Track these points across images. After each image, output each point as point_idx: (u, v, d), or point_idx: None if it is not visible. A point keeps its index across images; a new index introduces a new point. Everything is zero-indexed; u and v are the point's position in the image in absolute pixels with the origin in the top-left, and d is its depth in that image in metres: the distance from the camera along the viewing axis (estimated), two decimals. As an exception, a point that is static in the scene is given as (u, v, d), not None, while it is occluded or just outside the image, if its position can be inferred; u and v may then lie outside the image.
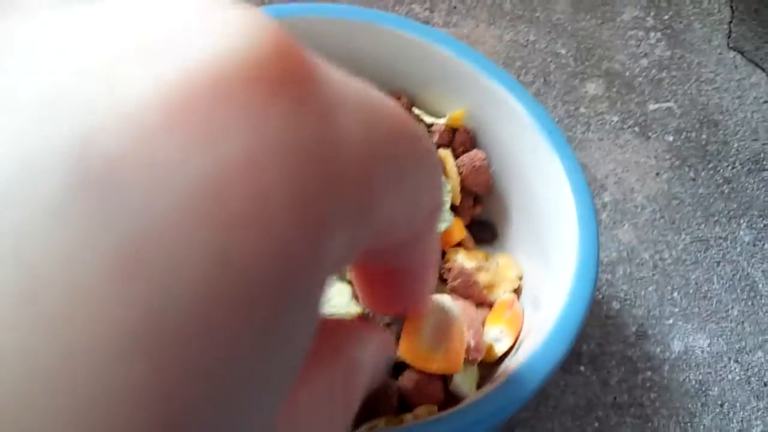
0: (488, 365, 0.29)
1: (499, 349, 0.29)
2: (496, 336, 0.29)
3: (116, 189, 0.08)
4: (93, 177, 0.08)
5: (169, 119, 0.08)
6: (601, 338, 0.37)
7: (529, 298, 0.31)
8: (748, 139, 0.46)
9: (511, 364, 0.28)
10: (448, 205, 0.32)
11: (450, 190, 0.32)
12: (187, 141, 0.08)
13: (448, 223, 0.31)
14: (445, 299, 0.28)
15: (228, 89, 0.09)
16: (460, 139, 0.34)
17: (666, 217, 0.42)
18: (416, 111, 0.35)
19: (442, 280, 0.31)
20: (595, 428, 0.34)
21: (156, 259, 0.08)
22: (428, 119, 0.35)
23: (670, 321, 0.38)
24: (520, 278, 0.32)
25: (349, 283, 0.29)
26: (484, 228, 0.35)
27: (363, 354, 0.15)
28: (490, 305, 0.31)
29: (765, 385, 0.37)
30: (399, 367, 0.28)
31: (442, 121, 0.34)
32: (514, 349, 0.29)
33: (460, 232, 0.32)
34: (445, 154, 0.33)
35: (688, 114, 0.47)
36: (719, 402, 0.36)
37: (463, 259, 0.31)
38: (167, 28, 0.09)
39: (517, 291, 0.32)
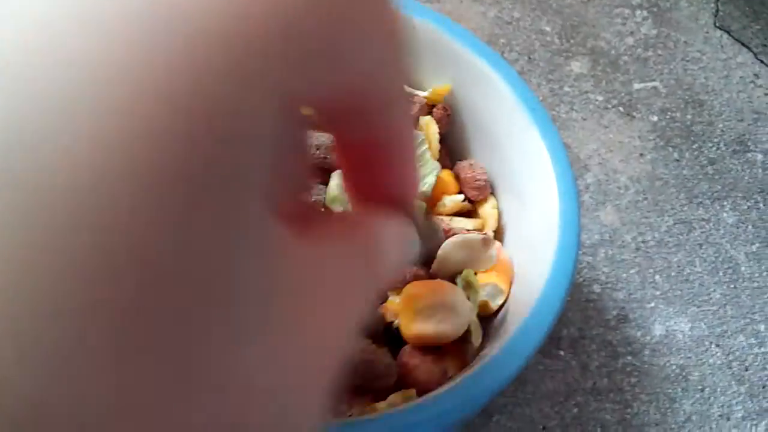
0: (486, 318, 0.30)
1: (495, 303, 0.29)
2: (490, 292, 0.29)
3: None
4: None
5: None
6: (581, 322, 0.36)
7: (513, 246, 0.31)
8: (734, 119, 0.45)
9: (491, 351, 0.27)
10: (428, 155, 0.31)
11: (430, 153, 0.32)
12: None
13: (436, 171, 0.31)
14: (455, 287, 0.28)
15: None
16: (438, 115, 0.33)
17: (649, 199, 0.41)
18: None
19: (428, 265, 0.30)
20: (574, 414, 0.34)
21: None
22: (408, 90, 0.34)
23: (652, 304, 0.38)
24: (496, 208, 0.32)
25: None
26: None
27: (383, 230, 0.15)
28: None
29: (746, 369, 0.36)
30: (398, 345, 0.28)
31: (423, 94, 0.33)
32: (508, 300, 0.30)
33: (454, 184, 0.32)
34: (427, 120, 0.32)
35: (673, 94, 0.46)
36: (700, 387, 0.36)
37: (451, 201, 0.31)
38: None
39: (498, 232, 0.32)
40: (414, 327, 0.27)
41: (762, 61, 0.48)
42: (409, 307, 0.27)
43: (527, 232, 0.31)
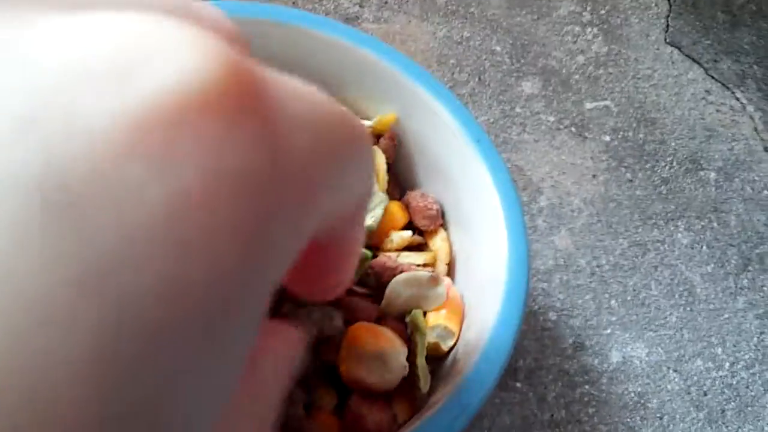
0: (436, 359, 0.29)
1: (446, 345, 0.29)
2: (440, 334, 0.29)
3: (76, 212, 0.08)
4: (53, 200, 0.08)
5: (127, 146, 0.08)
6: (537, 351, 0.35)
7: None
8: (686, 137, 0.45)
9: (439, 396, 0.26)
10: (375, 186, 0.30)
11: (378, 184, 0.31)
12: (145, 168, 0.08)
13: (383, 203, 0.30)
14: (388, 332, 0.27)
15: (186, 118, 0.09)
16: (385, 145, 0.32)
17: (603, 221, 0.41)
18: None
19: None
20: (531, 448, 0.33)
21: (111, 281, 0.08)
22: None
23: (608, 331, 0.37)
24: (447, 240, 0.31)
25: None
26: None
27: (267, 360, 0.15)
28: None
29: (705, 394, 0.36)
30: (345, 394, 0.27)
31: (369, 123, 0.33)
32: (459, 340, 0.29)
33: (403, 216, 0.31)
34: (374, 150, 0.32)
35: (625, 112, 0.45)
36: (658, 414, 0.35)
37: (399, 238, 0.30)
38: (130, 49, 0.09)
39: (450, 266, 0.31)
40: (349, 371, 0.26)
41: (713, 77, 0.48)
42: (349, 350, 0.26)
43: (477, 267, 0.30)
